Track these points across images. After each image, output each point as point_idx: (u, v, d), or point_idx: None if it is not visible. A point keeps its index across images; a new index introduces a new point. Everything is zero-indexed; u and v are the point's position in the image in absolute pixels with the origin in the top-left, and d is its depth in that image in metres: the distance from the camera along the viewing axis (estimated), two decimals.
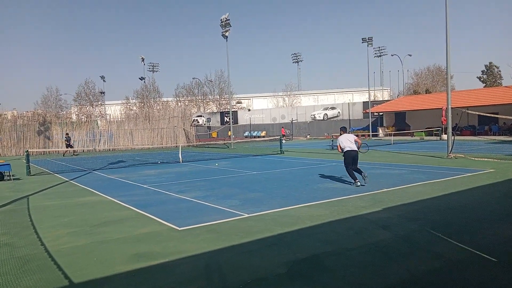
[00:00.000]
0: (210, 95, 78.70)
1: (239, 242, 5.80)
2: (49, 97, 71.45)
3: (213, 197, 9.54)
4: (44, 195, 11.04)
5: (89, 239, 6.27)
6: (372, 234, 6.01)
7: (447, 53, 18.28)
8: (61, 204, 9.50)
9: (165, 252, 5.44)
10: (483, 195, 8.97)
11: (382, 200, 8.54)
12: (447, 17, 17.93)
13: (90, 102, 72.28)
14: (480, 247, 5.18)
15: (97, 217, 7.88)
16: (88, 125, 37.73)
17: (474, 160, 16.01)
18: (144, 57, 68.04)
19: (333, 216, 7.22)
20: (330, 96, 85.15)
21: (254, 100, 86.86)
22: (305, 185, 11.12)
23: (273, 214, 7.57)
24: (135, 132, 37.65)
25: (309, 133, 50.56)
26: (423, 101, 42.15)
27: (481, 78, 71.06)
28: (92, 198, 10.17)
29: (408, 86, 71.54)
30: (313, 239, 5.82)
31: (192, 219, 7.28)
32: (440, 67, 70.31)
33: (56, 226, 7.23)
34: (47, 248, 5.79)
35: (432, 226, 6.30)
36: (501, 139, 31.07)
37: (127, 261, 5.13)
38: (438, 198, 8.58)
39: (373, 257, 4.98)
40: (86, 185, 12.66)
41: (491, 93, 38.51)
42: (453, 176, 11.72)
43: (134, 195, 10.43)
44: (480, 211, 7.33)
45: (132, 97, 77.54)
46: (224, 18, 32.64)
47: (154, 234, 6.43)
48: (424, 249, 5.25)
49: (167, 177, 14.11)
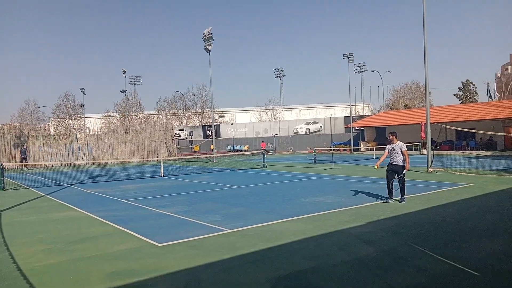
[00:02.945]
0: (192, 109, 78.40)
1: (221, 258, 5.66)
2: (26, 110, 69.79)
3: (195, 212, 9.36)
4: (18, 210, 10.63)
5: (65, 256, 6.01)
6: (355, 249, 5.96)
7: (425, 70, 18.76)
8: (36, 220, 9.15)
9: (144, 269, 5.25)
10: (464, 209, 9.08)
11: (365, 214, 8.53)
12: (424, 36, 18.46)
13: (69, 115, 70.98)
14: (462, 261, 5.18)
15: (74, 233, 7.60)
16: (67, 138, 36.94)
17: (453, 174, 16.30)
18: (125, 70, 67.58)
19: (316, 231, 7.15)
20: (312, 110, 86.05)
21: (237, 114, 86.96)
22: (288, 199, 11.05)
23: (256, 229, 7.45)
24: (115, 146, 37.03)
25: (291, 147, 50.78)
26: (402, 116, 42.97)
27: (457, 95, 73.11)
28: (69, 214, 9.84)
29: (388, 101, 72.96)
30: (297, 255, 5.72)
31: (173, 235, 7.10)
32: (418, 83, 72.06)
33: (29, 243, 6.93)
34: (19, 266, 5.51)
35: (415, 240, 6.30)
36: (478, 153, 31.85)
37: (104, 279, 4.92)
38: (420, 212, 8.64)
39: (357, 272, 4.92)
40: (63, 199, 12.27)
41: (468, 109, 39.61)
42: (434, 190, 11.86)
43: (113, 210, 10.15)
44: (461, 225, 7.39)
45: (112, 110, 76.60)
46: (207, 32, 32.73)
47: (133, 250, 6.22)
48: (407, 263, 5.22)
49: (148, 191, 13.83)
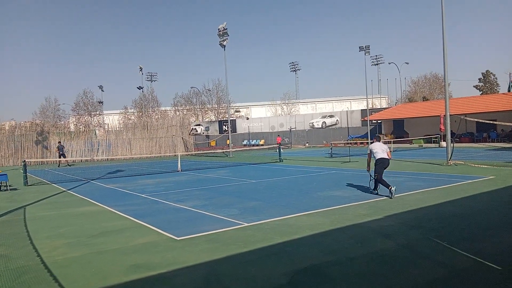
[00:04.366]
0: (208, 104, 78.77)
1: (238, 252, 5.70)
2: (47, 107, 71.29)
3: (212, 206, 9.44)
4: (41, 205, 10.91)
5: (86, 250, 6.16)
6: (374, 242, 5.92)
7: (444, 61, 18.35)
8: (58, 215, 9.38)
9: (163, 262, 5.34)
10: (485, 202, 8.90)
11: (383, 208, 8.46)
12: (443, 26, 18.03)
13: (89, 112, 72.26)
14: (483, 255, 5.09)
15: (95, 227, 7.77)
16: (86, 134, 37.62)
17: (474, 167, 15.96)
18: (142, 67, 68.39)
19: (333, 224, 7.13)
20: (328, 104, 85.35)
21: (253, 109, 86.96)
22: (304, 193, 11.03)
23: (273, 223, 7.47)
24: (133, 142, 37.54)
25: (307, 141, 50.54)
26: (421, 109, 42.22)
27: (477, 86, 71.33)
28: (90, 208, 10.06)
29: (406, 93, 71.74)
30: (314, 249, 5.72)
31: (191, 229, 7.18)
32: (437, 75, 70.59)
33: (52, 237, 7.12)
34: (43, 260, 5.68)
35: (434, 234, 6.22)
36: (500, 145, 31.07)
37: (125, 272, 5.02)
38: (439, 206, 8.51)
39: (375, 267, 4.89)
40: (83, 195, 12.54)
41: (489, 100, 38.61)
42: (453, 183, 11.65)
43: (132, 204, 10.32)
44: (482, 219, 7.25)
45: (130, 106, 77.61)
46: (221, 27, 32.75)
47: (152, 244, 6.32)
48: (427, 257, 5.16)
49: (166, 186, 14.00)
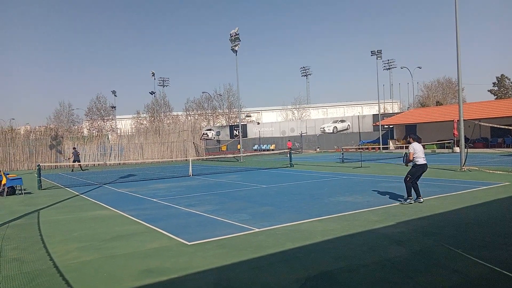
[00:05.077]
0: (219, 109, 79.11)
1: (250, 257, 5.69)
2: (61, 112, 72.39)
3: (223, 211, 9.45)
4: (55, 209, 11.05)
5: (98, 254, 6.20)
6: (386, 249, 5.85)
7: (458, 65, 18.13)
8: (71, 218, 9.48)
9: (174, 267, 5.35)
10: (500, 209, 8.73)
11: (395, 214, 8.36)
12: (457, 30, 17.84)
13: (101, 117, 73.18)
14: (500, 263, 4.98)
15: (107, 231, 7.83)
16: (99, 139, 38.08)
17: (488, 173, 15.69)
18: (154, 72, 69.20)
19: (345, 230, 7.06)
20: (340, 109, 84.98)
21: (264, 114, 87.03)
22: (316, 198, 10.97)
23: (284, 228, 7.44)
24: (145, 146, 37.88)
25: (318, 146, 50.32)
26: (434, 114, 41.75)
27: (492, 90, 70.28)
28: (102, 212, 10.15)
29: (419, 98, 71.07)
30: (326, 255, 5.67)
31: (202, 234, 7.19)
32: (450, 79, 69.94)
33: (65, 240, 7.19)
34: (55, 263, 5.73)
35: (448, 241, 6.11)
36: None
37: (137, 276, 5.04)
38: (453, 212, 8.37)
39: (388, 274, 4.82)
40: (96, 199, 12.67)
41: (504, 104, 37.95)
42: (468, 190, 11.47)
43: (144, 209, 10.39)
44: (498, 226, 7.11)
45: (142, 111, 78.40)
46: (233, 32, 32.97)
47: (164, 249, 6.34)
48: (441, 265, 5.07)
49: (177, 191, 14.06)
